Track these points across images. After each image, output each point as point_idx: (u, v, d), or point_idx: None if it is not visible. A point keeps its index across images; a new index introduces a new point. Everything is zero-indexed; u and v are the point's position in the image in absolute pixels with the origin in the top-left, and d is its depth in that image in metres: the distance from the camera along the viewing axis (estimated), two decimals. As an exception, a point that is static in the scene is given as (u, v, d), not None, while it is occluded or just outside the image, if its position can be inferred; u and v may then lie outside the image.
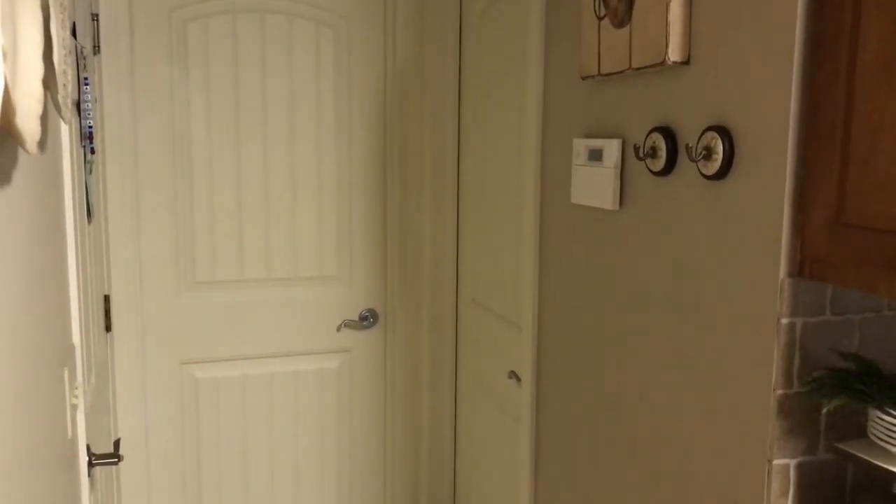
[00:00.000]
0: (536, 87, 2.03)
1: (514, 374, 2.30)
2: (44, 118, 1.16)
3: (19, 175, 1.02)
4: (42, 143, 1.22)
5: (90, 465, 1.69)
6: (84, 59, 1.98)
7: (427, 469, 2.95)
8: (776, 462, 1.27)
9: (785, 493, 1.28)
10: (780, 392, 1.25)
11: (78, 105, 1.88)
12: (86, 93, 1.97)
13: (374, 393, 2.89)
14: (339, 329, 2.81)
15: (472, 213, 2.68)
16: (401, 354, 2.88)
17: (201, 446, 2.72)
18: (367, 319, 2.82)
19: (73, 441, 1.50)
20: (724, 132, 1.34)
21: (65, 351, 1.43)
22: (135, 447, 2.64)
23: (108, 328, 2.51)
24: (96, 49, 2.37)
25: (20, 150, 1.04)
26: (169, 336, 2.64)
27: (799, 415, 1.27)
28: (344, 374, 2.85)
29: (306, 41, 2.63)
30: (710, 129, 1.36)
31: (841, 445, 1.24)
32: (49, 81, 1.10)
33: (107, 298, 2.50)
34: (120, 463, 1.91)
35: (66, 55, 1.26)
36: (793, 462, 1.28)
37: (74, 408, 1.50)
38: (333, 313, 2.80)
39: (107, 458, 1.76)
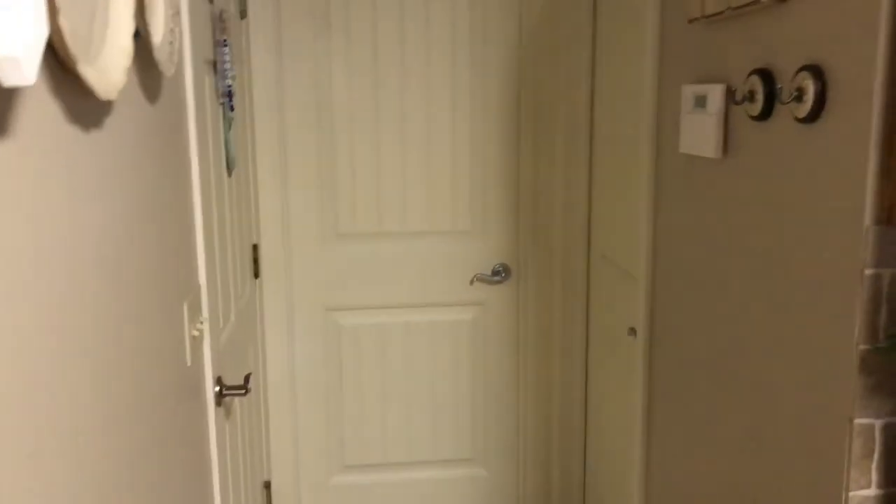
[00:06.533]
0: (653, 33, 1.97)
1: (633, 331, 2.27)
2: (142, 70, 1.28)
3: (136, 126, 1.15)
4: (153, 95, 1.35)
5: (221, 395, 1.86)
6: (223, 22, 2.14)
7: (558, 423, 2.97)
8: (858, 421, 1.20)
9: (869, 455, 1.21)
10: (862, 347, 1.18)
11: (214, 65, 2.04)
12: (224, 54, 2.12)
13: (506, 346, 2.94)
14: (472, 282, 2.87)
15: (604, 168, 2.64)
16: (532, 309, 2.90)
17: (344, 386, 2.89)
18: (500, 274, 2.86)
19: (195, 370, 1.66)
20: (818, 71, 1.25)
21: (187, 287, 1.59)
22: (283, 384, 2.85)
23: (256, 274, 2.72)
24: (243, 13, 2.54)
25: (136, 103, 1.17)
26: (314, 284, 2.81)
27: (885, 372, 1.19)
28: (478, 326, 2.92)
29: (440, -2, 2.67)
30: (803, 68, 1.28)
31: (930, 407, 1.15)
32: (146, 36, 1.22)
33: (255, 247, 2.71)
34: (248, 395, 2.08)
35: (173, 15, 1.38)
36: (878, 423, 1.20)
37: (195, 339, 1.66)
38: (467, 267, 2.87)
39: (236, 389, 1.93)
